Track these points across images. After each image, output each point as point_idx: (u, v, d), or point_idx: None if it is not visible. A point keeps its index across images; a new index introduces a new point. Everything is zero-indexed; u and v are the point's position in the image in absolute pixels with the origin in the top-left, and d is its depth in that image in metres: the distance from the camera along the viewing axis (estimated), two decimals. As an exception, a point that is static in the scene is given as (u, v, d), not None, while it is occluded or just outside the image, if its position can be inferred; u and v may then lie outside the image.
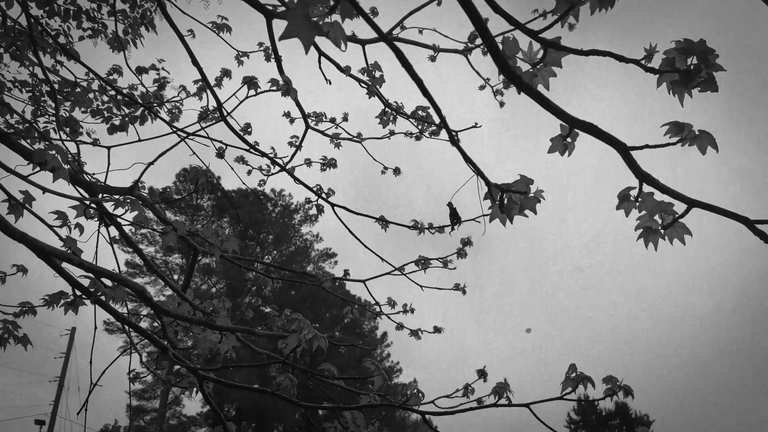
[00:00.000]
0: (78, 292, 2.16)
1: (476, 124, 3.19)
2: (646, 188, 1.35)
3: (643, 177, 1.31)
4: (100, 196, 2.63)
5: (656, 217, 1.49)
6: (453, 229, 3.16)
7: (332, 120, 4.55)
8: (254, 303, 36.27)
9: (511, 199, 1.49)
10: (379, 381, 2.09)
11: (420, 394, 2.34)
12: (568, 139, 1.37)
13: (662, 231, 1.48)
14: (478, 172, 1.53)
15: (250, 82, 2.89)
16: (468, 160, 1.66)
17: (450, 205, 3.00)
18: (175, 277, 33.65)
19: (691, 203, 1.35)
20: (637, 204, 1.38)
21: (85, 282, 2.21)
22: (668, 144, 1.25)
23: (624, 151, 1.28)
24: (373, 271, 4.25)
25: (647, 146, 1.26)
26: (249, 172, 4.98)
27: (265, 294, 39.75)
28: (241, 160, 4.95)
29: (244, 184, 4.25)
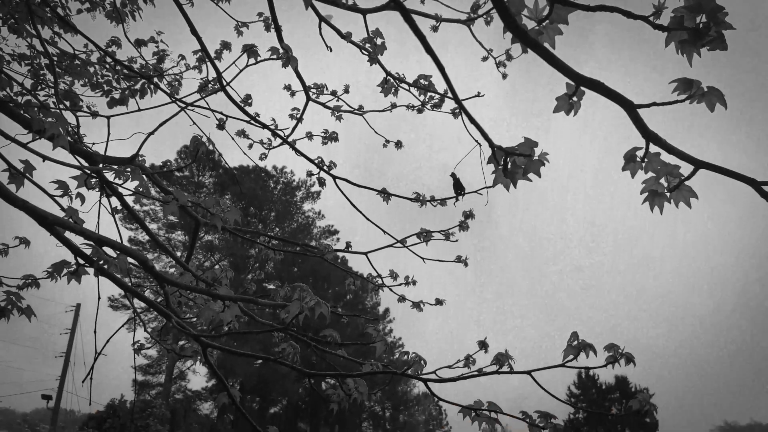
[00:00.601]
0: (80, 261, 2.16)
1: (479, 93, 3.15)
2: (653, 149, 1.33)
3: (649, 136, 1.29)
4: (100, 165, 2.61)
5: (662, 180, 1.48)
6: (457, 199, 3.14)
7: (333, 93, 4.51)
8: (257, 278, 36.51)
9: (515, 163, 1.47)
10: (381, 347, 2.10)
11: (422, 362, 2.35)
12: (574, 98, 1.34)
13: (668, 194, 1.46)
14: (483, 134, 1.51)
15: (250, 50, 2.85)
16: (472, 120, 1.64)
17: (453, 175, 2.98)
18: (178, 254, 33.78)
19: (698, 164, 1.33)
20: (644, 165, 1.36)
21: (88, 251, 2.21)
22: (676, 101, 1.22)
23: (631, 109, 1.25)
24: (375, 247, 4.25)
25: (654, 104, 1.24)
26: (250, 146, 4.95)
27: (267, 270, 39.94)
28: (242, 133, 4.92)
29: (244, 154, 4.24)
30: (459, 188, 3.05)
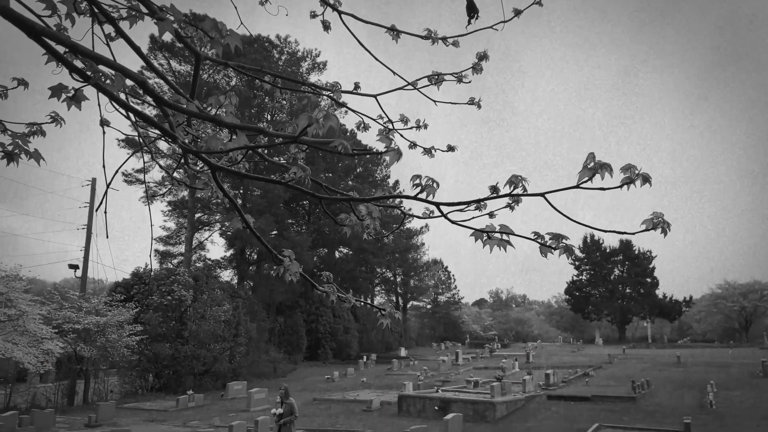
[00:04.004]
0: (76, 77, 2.06)
1: None
2: None
3: None
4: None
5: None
6: (469, 23, 2.95)
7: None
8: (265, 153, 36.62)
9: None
10: (393, 157, 2.05)
11: (434, 185, 2.31)
12: None
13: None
14: None
15: None
16: None
17: (466, -5, 2.76)
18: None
19: None
20: None
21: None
22: None
23: None
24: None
25: None
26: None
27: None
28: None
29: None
30: (472, 9, 2.84)
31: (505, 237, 2.47)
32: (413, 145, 4.28)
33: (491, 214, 2.63)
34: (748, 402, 19.70)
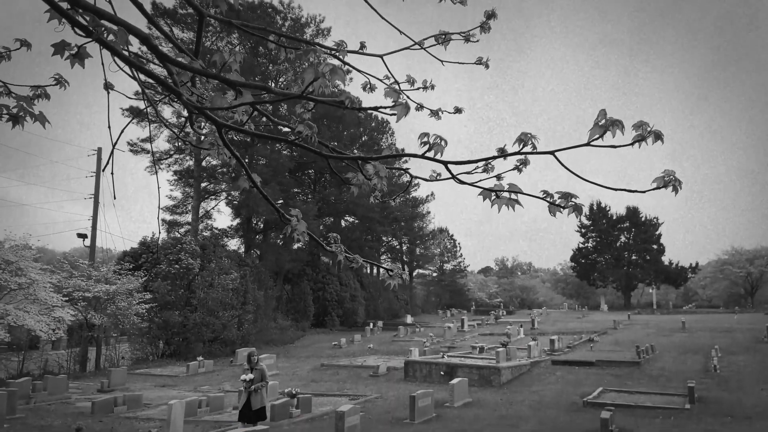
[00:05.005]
0: (79, 33, 2.02)
1: None
2: None
3: None
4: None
5: None
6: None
7: None
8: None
9: None
10: (402, 111, 2.02)
11: (442, 142, 2.28)
12: None
13: None
14: None
15: None
16: None
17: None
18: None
19: None
20: None
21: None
22: None
23: None
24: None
25: None
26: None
27: (281, 113, 39.55)
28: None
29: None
30: (482, -37, 2.76)
31: (513, 196, 2.45)
32: (420, 107, 4.22)
33: (499, 177, 2.61)
34: (753, 366, 19.87)
